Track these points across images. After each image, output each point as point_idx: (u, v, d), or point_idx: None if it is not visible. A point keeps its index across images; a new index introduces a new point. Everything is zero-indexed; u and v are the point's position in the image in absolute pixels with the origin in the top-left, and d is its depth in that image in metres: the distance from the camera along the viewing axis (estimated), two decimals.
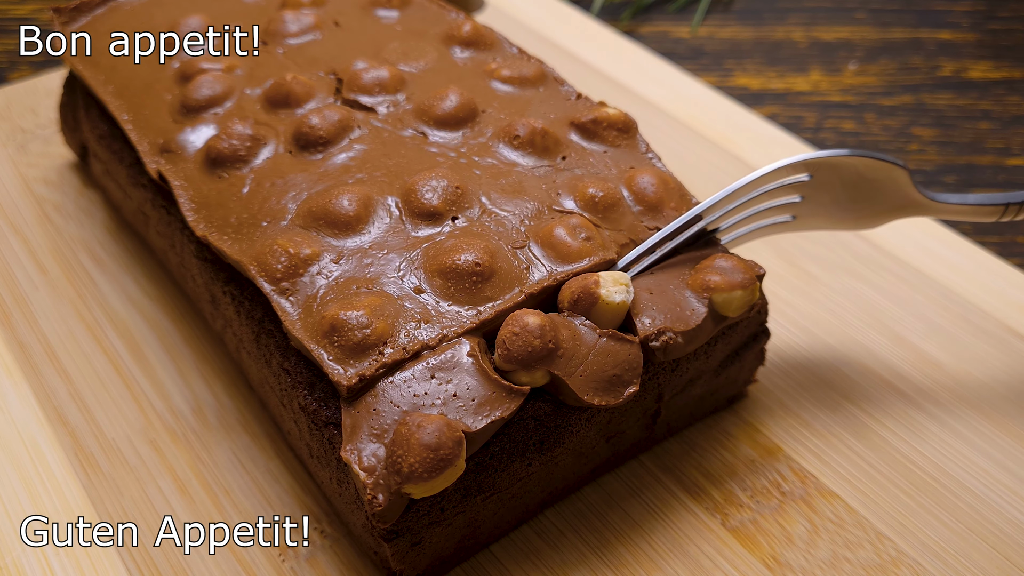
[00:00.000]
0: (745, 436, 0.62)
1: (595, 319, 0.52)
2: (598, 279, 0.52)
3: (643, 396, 0.56)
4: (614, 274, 0.53)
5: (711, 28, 1.08)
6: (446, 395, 0.49)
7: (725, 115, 0.88)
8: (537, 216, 0.57)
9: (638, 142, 0.63)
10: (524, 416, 0.51)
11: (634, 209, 0.58)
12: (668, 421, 0.60)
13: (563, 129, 0.63)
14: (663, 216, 0.58)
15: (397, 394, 0.49)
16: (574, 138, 0.63)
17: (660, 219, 0.58)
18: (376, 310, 0.51)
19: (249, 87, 0.66)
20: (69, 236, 0.77)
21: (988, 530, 0.57)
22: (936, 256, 0.74)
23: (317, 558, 0.56)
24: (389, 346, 0.51)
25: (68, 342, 0.69)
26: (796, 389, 0.65)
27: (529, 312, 0.51)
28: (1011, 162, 0.88)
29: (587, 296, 0.52)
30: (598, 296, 0.52)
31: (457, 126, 0.63)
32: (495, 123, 0.63)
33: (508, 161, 0.61)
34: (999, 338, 0.68)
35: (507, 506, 0.55)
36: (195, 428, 0.63)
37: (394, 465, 0.47)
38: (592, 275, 0.53)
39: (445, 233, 0.56)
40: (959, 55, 1.02)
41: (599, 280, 0.52)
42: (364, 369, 0.50)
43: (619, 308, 0.52)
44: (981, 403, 0.64)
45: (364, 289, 0.53)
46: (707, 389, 0.61)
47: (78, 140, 0.79)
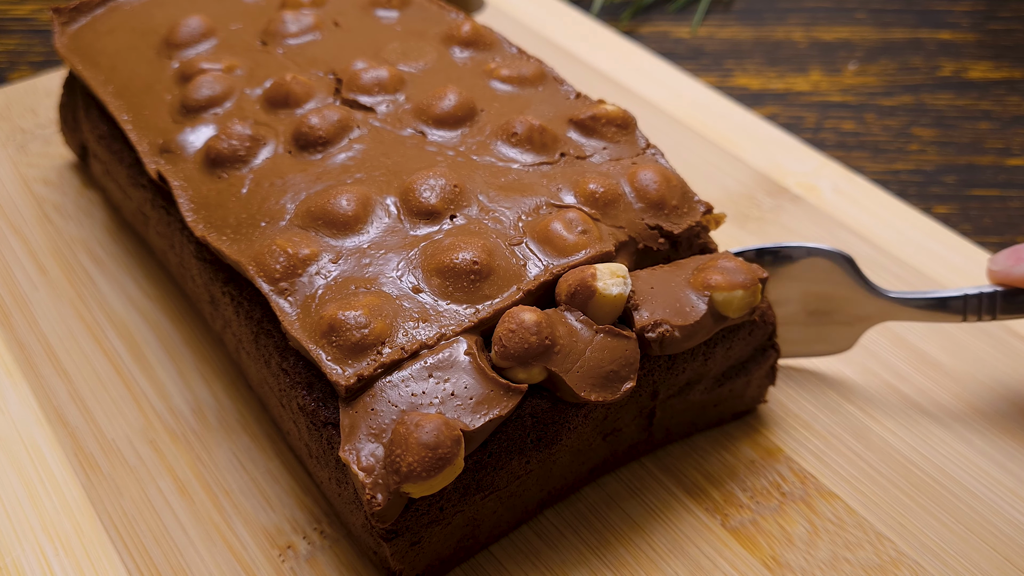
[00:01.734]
0: (745, 437, 0.62)
1: (592, 312, 0.52)
2: (595, 272, 0.52)
3: (639, 392, 0.56)
4: (611, 266, 0.53)
5: (711, 28, 1.08)
6: (444, 394, 0.49)
7: (725, 115, 0.88)
8: (535, 212, 0.57)
9: (637, 138, 0.63)
10: (522, 414, 0.51)
11: (635, 206, 0.58)
12: (667, 425, 0.60)
13: (561, 126, 0.63)
14: (664, 214, 0.58)
15: (395, 394, 0.49)
16: (572, 135, 0.63)
17: (661, 217, 0.58)
18: (374, 310, 0.51)
19: (249, 87, 0.66)
20: (69, 236, 0.77)
21: (988, 531, 0.57)
22: (936, 256, 0.74)
23: (317, 558, 0.56)
24: (387, 346, 0.51)
25: (68, 342, 0.69)
26: (796, 390, 0.65)
27: (525, 309, 0.51)
28: (1011, 162, 0.88)
29: (584, 289, 0.52)
30: (595, 289, 0.51)
31: (456, 125, 0.63)
32: (494, 122, 0.63)
33: (507, 159, 0.61)
34: (999, 339, 0.68)
35: (506, 505, 0.55)
36: (195, 428, 0.63)
37: (393, 464, 0.47)
38: (589, 268, 0.53)
39: (443, 231, 0.56)
40: (959, 55, 1.02)
41: (595, 273, 0.52)
42: (362, 369, 0.50)
43: (616, 300, 0.52)
44: (981, 404, 0.64)
45: (362, 289, 0.53)
46: (709, 398, 0.60)
47: (78, 140, 0.79)
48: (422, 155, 0.61)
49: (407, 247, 0.55)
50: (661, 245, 0.58)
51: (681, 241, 0.59)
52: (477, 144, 0.62)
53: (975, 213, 0.82)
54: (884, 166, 0.87)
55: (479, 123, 0.63)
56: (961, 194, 0.84)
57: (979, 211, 0.82)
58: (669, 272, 0.56)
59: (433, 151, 0.61)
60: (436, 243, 0.55)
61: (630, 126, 0.63)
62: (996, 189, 0.85)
